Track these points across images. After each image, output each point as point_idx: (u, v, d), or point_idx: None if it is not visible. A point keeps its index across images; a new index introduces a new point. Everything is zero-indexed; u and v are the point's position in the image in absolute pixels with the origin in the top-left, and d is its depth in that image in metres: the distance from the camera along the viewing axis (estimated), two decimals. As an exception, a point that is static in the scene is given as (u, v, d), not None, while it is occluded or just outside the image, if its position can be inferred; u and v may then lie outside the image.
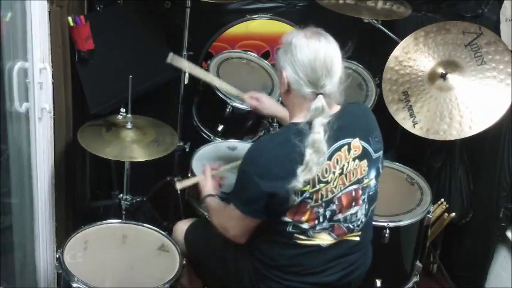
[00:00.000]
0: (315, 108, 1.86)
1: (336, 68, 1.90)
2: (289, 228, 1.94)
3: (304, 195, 1.89)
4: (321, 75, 1.87)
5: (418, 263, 2.65)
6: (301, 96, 1.91)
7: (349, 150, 1.93)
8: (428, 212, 2.56)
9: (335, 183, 1.93)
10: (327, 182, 1.91)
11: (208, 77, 2.70)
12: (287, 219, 1.92)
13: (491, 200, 2.94)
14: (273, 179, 1.85)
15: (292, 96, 1.96)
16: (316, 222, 1.94)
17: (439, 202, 3.03)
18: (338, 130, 1.89)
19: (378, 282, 2.49)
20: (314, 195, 1.90)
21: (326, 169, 1.89)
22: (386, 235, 2.41)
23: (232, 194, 2.04)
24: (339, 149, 1.91)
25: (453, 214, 3.04)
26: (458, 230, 3.12)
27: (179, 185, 2.42)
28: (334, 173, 1.91)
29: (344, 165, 1.93)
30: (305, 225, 1.94)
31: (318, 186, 1.89)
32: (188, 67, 2.70)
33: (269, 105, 2.46)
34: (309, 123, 1.87)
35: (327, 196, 1.92)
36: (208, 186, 2.27)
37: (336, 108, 1.96)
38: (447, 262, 3.24)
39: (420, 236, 2.60)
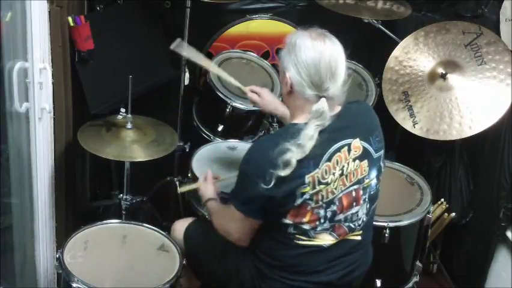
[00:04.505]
0: (316, 111, 1.85)
1: (341, 71, 1.89)
2: (291, 230, 1.94)
3: (304, 196, 1.88)
4: (325, 78, 1.86)
5: (418, 263, 2.65)
6: (304, 98, 1.90)
7: (349, 150, 1.92)
8: (428, 212, 2.56)
9: (335, 184, 1.92)
10: (327, 183, 1.90)
11: (212, 66, 2.65)
12: (288, 221, 1.92)
13: (491, 200, 2.93)
14: (270, 178, 1.84)
15: (294, 98, 1.94)
16: (317, 223, 1.94)
17: (439, 202, 3.03)
18: (338, 131, 1.89)
19: (378, 282, 2.50)
20: (314, 196, 1.90)
21: (326, 170, 1.89)
22: (386, 235, 2.41)
23: (232, 195, 2.04)
24: (339, 149, 1.90)
25: (453, 214, 3.04)
26: (458, 230, 3.13)
27: (181, 189, 2.43)
28: (334, 174, 1.91)
29: (344, 166, 1.92)
30: (306, 226, 1.93)
31: (318, 188, 1.89)
32: (192, 55, 2.59)
33: (269, 101, 2.40)
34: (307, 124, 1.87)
35: (327, 197, 1.92)
36: (209, 191, 2.26)
37: (337, 108, 1.95)
38: (447, 262, 3.24)
39: (420, 236, 2.60)
